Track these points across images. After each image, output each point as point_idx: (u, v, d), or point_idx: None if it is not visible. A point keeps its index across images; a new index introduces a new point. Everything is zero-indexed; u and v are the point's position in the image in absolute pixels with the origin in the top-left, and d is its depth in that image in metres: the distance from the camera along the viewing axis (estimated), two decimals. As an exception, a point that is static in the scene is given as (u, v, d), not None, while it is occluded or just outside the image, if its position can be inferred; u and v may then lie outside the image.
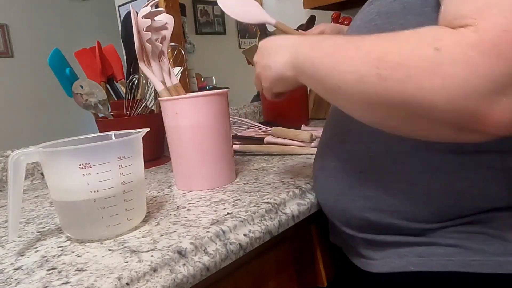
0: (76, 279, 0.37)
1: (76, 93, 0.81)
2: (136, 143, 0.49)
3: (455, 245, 0.40)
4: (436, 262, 0.40)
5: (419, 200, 0.41)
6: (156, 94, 0.86)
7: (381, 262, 0.45)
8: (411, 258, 0.42)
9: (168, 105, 0.61)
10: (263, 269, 0.56)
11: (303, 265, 0.63)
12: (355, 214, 0.47)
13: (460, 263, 0.39)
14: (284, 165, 0.73)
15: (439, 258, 0.40)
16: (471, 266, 0.38)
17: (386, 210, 0.43)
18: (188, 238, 0.43)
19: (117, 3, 1.83)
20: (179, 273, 0.39)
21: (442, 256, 0.40)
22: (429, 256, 0.41)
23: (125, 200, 0.46)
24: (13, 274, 0.40)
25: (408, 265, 0.42)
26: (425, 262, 0.41)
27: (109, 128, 0.78)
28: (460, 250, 0.39)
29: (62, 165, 0.44)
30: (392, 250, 0.44)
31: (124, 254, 0.41)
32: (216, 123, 0.61)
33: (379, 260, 0.46)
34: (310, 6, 1.36)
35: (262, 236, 0.48)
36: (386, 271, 0.44)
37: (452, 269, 0.39)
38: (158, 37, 0.63)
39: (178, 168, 0.64)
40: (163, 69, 0.65)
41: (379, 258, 0.46)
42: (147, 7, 0.62)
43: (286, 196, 0.55)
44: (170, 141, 0.64)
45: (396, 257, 0.44)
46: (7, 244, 0.48)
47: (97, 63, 0.86)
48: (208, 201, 0.56)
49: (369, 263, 0.47)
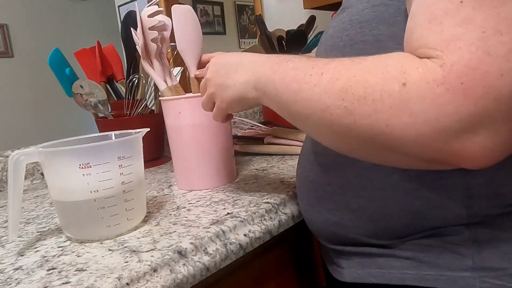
0: (76, 279, 0.37)
1: (76, 93, 0.81)
2: (136, 143, 0.49)
3: (412, 258, 0.39)
4: (394, 275, 0.40)
5: (377, 217, 0.40)
6: (156, 94, 0.86)
7: (347, 271, 0.45)
8: (371, 270, 0.42)
9: (171, 105, 0.61)
10: (263, 269, 0.56)
11: (303, 265, 0.63)
12: (321, 226, 0.47)
13: (416, 276, 0.38)
14: (284, 165, 0.73)
15: (396, 271, 0.39)
16: (426, 281, 0.37)
17: (348, 225, 0.43)
18: (188, 238, 0.43)
19: (117, 3, 1.83)
20: (179, 273, 0.39)
21: (400, 269, 0.39)
22: (388, 269, 0.40)
23: (125, 200, 0.46)
24: (13, 274, 0.40)
25: (368, 276, 0.42)
26: (384, 274, 0.40)
27: (109, 128, 0.78)
28: (415, 264, 0.38)
29: (62, 165, 0.44)
30: (356, 259, 0.44)
31: (124, 254, 0.41)
32: (217, 123, 0.61)
33: (346, 269, 0.45)
34: (310, 6, 1.36)
35: (262, 236, 0.48)
36: (350, 281, 0.44)
37: (409, 283, 0.38)
38: (158, 37, 0.63)
39: (178, 167, 0.64)
40: (165, 68, 0.65)
41: (346, 267, 0.45)
42: (152, 6, 0.62)
43: (286, 196, 0.55)
44: (171, 140, 0.64)
45: (360, 267, 0.43)
46: (7, 244, 0.48)
47: (97, 63, 0.86)
48: (208, 201, 0.56)
49: (338, 271, 0.47)
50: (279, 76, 0.38)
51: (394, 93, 0.28)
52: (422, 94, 0.27)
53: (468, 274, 0.36)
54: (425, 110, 0.27)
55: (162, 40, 0.64)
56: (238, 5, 1.89)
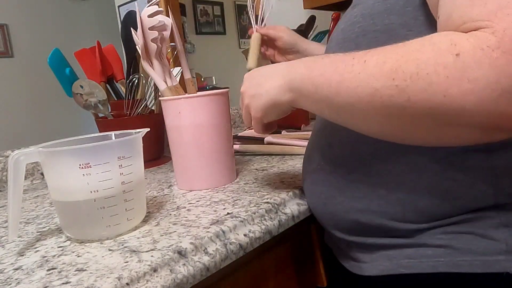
0: (76, 279, 0.37)
1: (76, 93, 0.81)
2: (136, 143, 0.49)
3: (444, 246, 0.39)
4: (426, 263, 0.40)
5: (406, 200, 0.41)
6: (156, 94, 0.86)
7: (371, 265, 0.45)
8: (400, 261, 0.42)
9: (171, 105, 0.61)
10: (263, 269, 0.56)
11: (303, 265, 0.63)
12: (344, 216, 0.46)
13: (449, 263, 0.39)
14: (284, 165, 0.73)
15: (428, 260, 0.40)
16: (460, 267, 0.38)
17: (375, 211, 0.43)
18: (188, 238, 0.43)
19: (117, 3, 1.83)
20: (179, 273, 0.39)
21: (432, 257, 0.40)
22: (419, 258, 0.41)
23: (125, 200, 0.46)
24: (13, 274, 0.40)
25: (398, 267, 0.42)
26: (414, 264, 0.41)
27: (109, 128, 0.78)
28: (449, 251, 0.39)
29: (62, 165, 0.44)
30: (382, 252, 0.44)
31: (124, 254, 0.41)
32: (217, 122, 0.62)
33: (369, 263, 0.45)
34: (310, 6, 1.36)
35: (262, 236, 0.48)
36: (376, 274, 0.44)
37: (442, 270, 0.39)
38: (158, 37, 0.63)
39: (178, 167, 0.64)
40: (165, 68, 0.65)
41: (369, 261, 0.45)
42: (152, 6, 0.62)
43: (286, 196, 0.55)
44: (171, 140, 0.64)
45: (386, 259, 0.43)
46: (7, 244, 0.48)
47: (97, 63, 0.86)
48: (208, 201, 0.56)
49: (359, 266, 0.47)
50: (317, 73, 0.38)
51: (449, 64, 0.29)
52: (479, 60, 0.28)
53: (503, 258, 0.37)
54: (484, 75, 0.28)
55: (162, 40, 0.64)
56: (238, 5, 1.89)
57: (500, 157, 0.38)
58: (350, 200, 0.45)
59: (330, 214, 0.49)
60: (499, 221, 0.38)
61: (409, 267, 0.41)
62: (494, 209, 0.38)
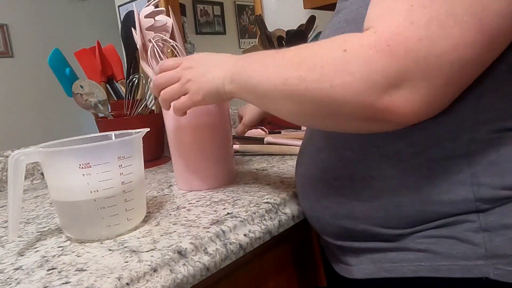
0: (76, 279, 0.37)
1: (76, 93, 0.81)
2: (136, 143, 0.49)
3: (425, 250, 0.40)
4: (407, 268, 0.40)
5: (389, 206, 0.41)
6: (156, 94, 0.86)
7: (357, 268, 0.45)
8: (383, 264, 0.42)
9: None
10: (263, 269, 0.56)
11: (303, 265, 0.63)
12: (330, 221, 0.47)
13: (429, 268, 0.39)
14: (284, 165, 0.73)
15: (409, 264, 0.40)
16: (440, 271, 0.38)
17: (358, 216, 0.43)
18: (188, 238, 0.43)
19: (117, 3, 1.83)
20: (179, 273, 0.39)
21: (413, 262, 0.40)
22: (400, 262, 0.41)
23: (125, 200, 0.46)
24: (13, 274, 0.40)
25: (381, 271, 0.42)
26: (396, 268, 0.41)
27: (109, 128, 0.78)
28: (429, 255, 0.39)
29: (62, 165, 0.44)
30: (367, 255, 0.44)
31: (124, 254, 0.41)
32: (217, 123, 0.62)
33: (356, 266, 0.46)
34: (310, 6, 1.36)
35: (262, 236, 0.48)
36: (361, 277, 0.44)
37: (423, 274, 0.39)
38: (158, 37, 0.63)
39: (178, 167, 0.64)
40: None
41: (355, 264, 0.46)
42: (149, 7, 0.62)
43: (286, 196, 0.55)
44: (170, 141, 0.64)
45: (370, 263, 0.44)
46: (7, 244, 0.48)
47: (97, 63, 0.86)
48: (208, 201, 0.56)
49: (347, 269, 0.47)
50: (250, 66, 0.44)
51: (337, 58, 0.34)
52: (358, 56, 0.32)
53: (482, 262, 0.37)
54: (360, 70, 0.32)
55: (162, 40, 0.64)
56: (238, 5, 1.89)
57: (479, 162, 0.37)
58: (335, 206, 0.46)
59: (317, 218, 0.49)
60: (478, 225, 0.38)
61: (391, 271, 0.41)
62: (474, 213, 0.38)
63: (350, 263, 0.47)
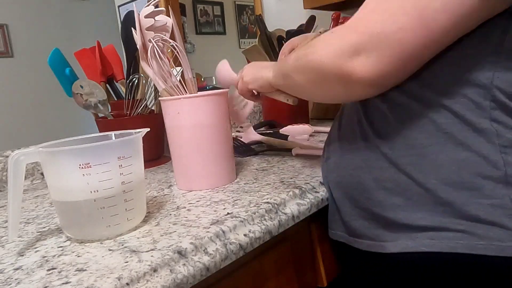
0: (76, 279, 0.37)
1: (76, 93, 0.81)
2: (136, 143, 0.49)
3: (463, 231, 0.44)
4: (446, 244, 0.45)
5: (429, 169, 0.46)
6: (156, 94, 0.86)
7: (393, 244, 0.48)
8: (423, 240, 0.46)
9: (170, 105, 0.61)
10: (263, 269, 0.56)
11: (303, 265, 0.63)
12: (371, 184, 0.50)
13: (467, 246, 0.43)
14: (284, 165, 0.73)
15: (448, 241, 0.44)
16: (477, 249, 0.43)
17: (401, 169, 0.48)
18: (188, 238, 0.43)
19: (117, 3, 1.83)
20: (179, 273, 0.39)
21: (452, 239, 0.44)
22: (440, 239, 0.45)
23: (125, 200, 0.46)
24: (13, 274, 0.40)
25: (420, 246, 0.46)
26: (435, 244, 0.45)
27: (109, 128, 0.79)
28: (467, 235, 0.44)
29: (62, 165, 0.44)
30: (405, 233, 0.47)
31: (124, 254, 0.41)
32: (216, 122, 0.62)
33: (391, 241, 0.48)
34: (310, 6, 1.36)
35: (262, 236, 0.48)
36: (398, 251, 0.47)
37: (460, 251, 0.44)
38: (158, 37, 0.63)
39: (178, 167, 0.64)
40: (164, 69, 0.65)
41: (391, 240, 0.48)
42: (149, 7, 0.62)
43: (286, 196, 0.55)
44: (170, 141, 0.64)
45: (408, 239, 0.47)
46: (7, 244, 0.48)
47: (97, 63, 0.86)
48: (208, 201, 0.56)
49: (381, 245, 0.49)
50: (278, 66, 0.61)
51: (327, 37, 0.47)
52: (338, 33, 0.46)
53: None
54: (336, 42, 0.45)
55: (162, 40, 0.64)
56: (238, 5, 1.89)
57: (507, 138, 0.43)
58: (378, 170, 0.50)
59: (357, 183, 0.52)
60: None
61: (430, 246, 0.45)
62: (509, 199, 0.42)
63: (384, 239, 0.49)
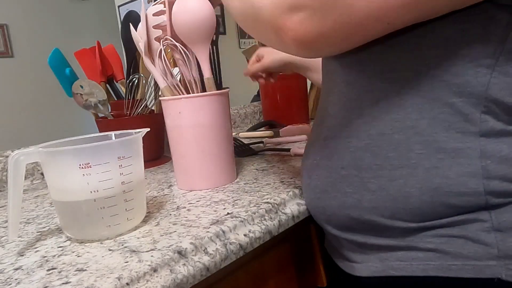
0: (76, 279, 0.37)
1: (76, 93, 0.81)
2: (136, 143, 0.49)
3: (434, 250, 0.39)
4: (416, 266, 0.40)
5: (397, 196, 0.41)
6: (156, 94, 0.86)
7: (363, 266, 0.45)
8: (391, 262, 0.42)
9: (171, 105, 0.61)
10: (263, 269, 0.56)
11: (303, 265, 0.63)
12: (336, 211, 0.46)
13: (440, 267, 0.39)
14: (284, 165, 0.73)
15: (419, 263, 0.40)
16: (451, 271, 0.38)
17: (365, 206, 0.43)
18: (188, 238, 0.43)
19: (117, 3, 1.83)
20: (179, 273, 0.39)
21: (422, 260, 0.40)
22: (409, 261, 0.41)
23: (125, 200, 0.46)
24: (13, 274, 0.40)
25: (388, 269, 0.42)
26: (405, 266, 0.41)
27: (109, 128, 0.78)
28: (439, 255, 0.39)
29: (62, 165, 0.44)
30: (374, 253, 0.44)
31: (124, 254, 0.41)
32: (217, 122, 0.62)
33: (361, 263, 0.45)
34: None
35: (262, 236, 0.48)
36: (367, 275, 0.44)
37: (432, 273, 0.39)
38: (162, 36, 0.63)
39: (178, 167, 0.64)
40: (166, 68, 0.65)
41: (361, 261, 0.45)
42: (158, 5, 0.62)
43: (286, 196, 0.55)
44: (171, 140, 0.64)
45: (377, 260, 0.43)
46: (7, 244, 0.48)
47: (97, 63, 0.86)
48: (208, 201, 0.56)
49: (352, 266, 0.47)
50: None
51: None
52: None
53: (494, 263, 0.37)
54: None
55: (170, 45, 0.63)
56: (238, 5, 1.89)
57: (491, 156, 0.38)
58: (342, 195, 0.45)
59: (323, 208, 0.49)
60: (491, 225, 0.37)
61: (399, 269, 0.41)
62: (486, 211, 0.38)
63: (355, 260, 0.46)
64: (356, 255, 0.46)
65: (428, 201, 0.39)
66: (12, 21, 3.01)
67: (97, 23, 3.28)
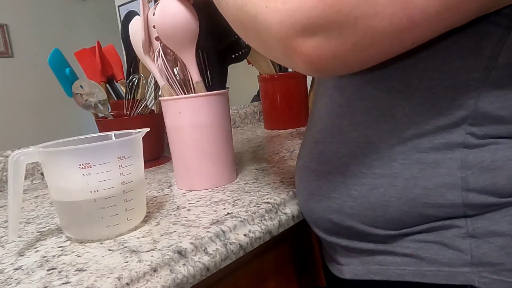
0: (76, 279, 0.37)
1: (76, 93, 0.81)
2: (136, 143, 0.49)
3: (411, 255, 0.40)
4: (393, 271, 0.40)
5: (377, 204, 0.41)
6: (156, 94, 0.86)
7: (347, 268, 0.46)
8: (371, 266, 0.42)
9: (171, 105, 0.61)
10: (263, 269, 0.56)
11: (303, 265, 0.63)
12: (321, 215, 0.47)
13: (415, 273, 0.39)
14: (284, 165, 0.73)
15: (396, 268, 0.40)
16: (426, 276, 0.38)
17: (347, 212, 0.43)
18: (188, 238, 0.43)
19: (117, 3, 1.83)
20: (179, 273, 0.39)
21: (399, 265, 0.40)
22: (387, 265, 0.41)
23: (125, 200, 0.46)
24: (13, 274, 0.40)
25: (368, 273, 0.43)
26: (383, 271, 0.41)
27: (109, 128, 0.79)
28: (415, 260, 0.39)
29: (62, 165, 0.44)
30: (357, 256, 0.44)
31: (124, 254, 0.41)
32: (217, 122, 0.62)
33: (345, 265, 0.46)
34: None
35: (262, 236, 0.48)
36: (350, 277, 0.45)
37: (408, 279, 0.39)
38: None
39: (178, 167, 0.64)
40: (167, 67, 0.65)
41: (345, 264, 0.46)
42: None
43: (286, 196, 0.55)
44: (171, 140, 0.64)
45: (359, 264, 0.44)
46: (7, 244, 0.48)
47: (97, 63, 0.86)
48: (208, 201, 0.56)
49: (338, 268, 0.47)
50: None
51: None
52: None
53: (467, 270, 0.37)
54: (295, 6, 0.33)
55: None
56: (238, 5, 1.89)
57: (471, 167, 0.37)
58: (327, 200, 0.46)
59: (310, 211, 0.49)
60: (466, 231, 0.37)
61: (378, 273, 0.42)
62: (462, 218, 0.38)
63: (341, 262, 0.47)
64: (342, 257, 0.47)
65: (406, 211, 0.39)
66: (12, 21, 3.01)
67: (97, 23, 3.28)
